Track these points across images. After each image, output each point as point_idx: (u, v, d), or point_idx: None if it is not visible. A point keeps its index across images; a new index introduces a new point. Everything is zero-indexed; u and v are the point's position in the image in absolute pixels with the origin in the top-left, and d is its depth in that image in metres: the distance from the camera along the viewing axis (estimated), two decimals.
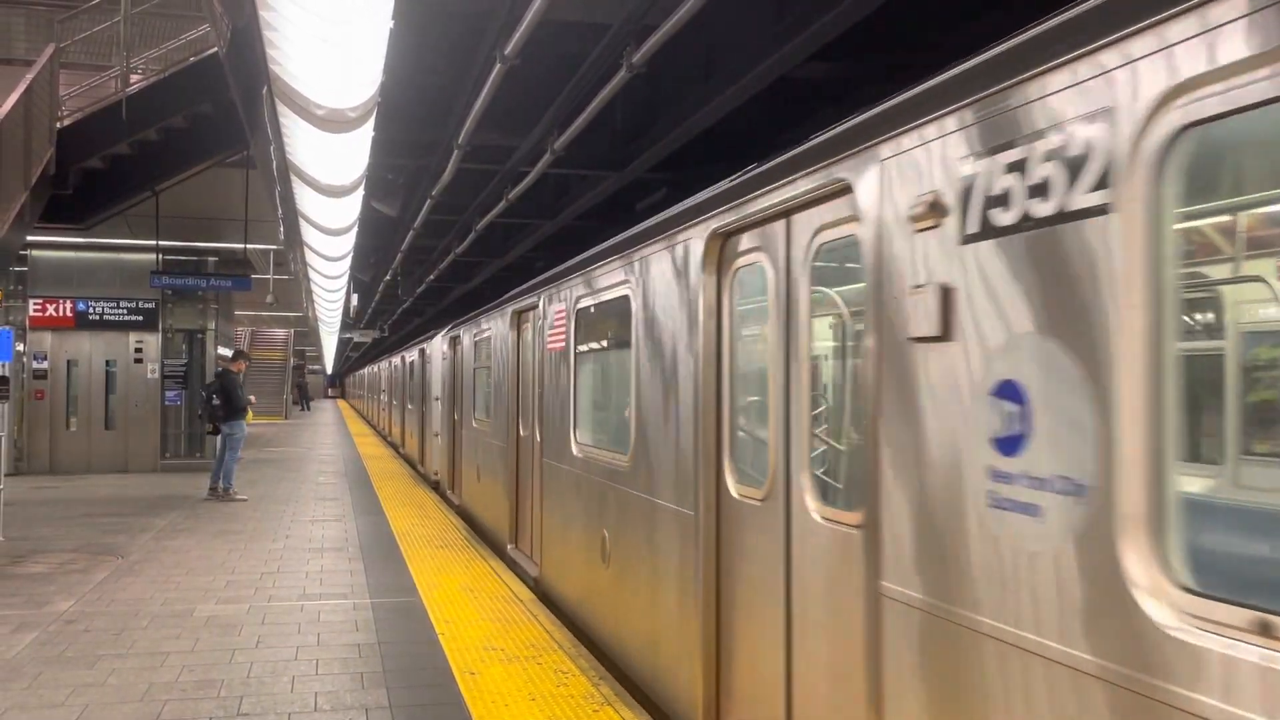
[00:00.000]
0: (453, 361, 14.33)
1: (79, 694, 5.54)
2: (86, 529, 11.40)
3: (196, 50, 13.95)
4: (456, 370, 13.92)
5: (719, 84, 6.59)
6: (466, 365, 12.99)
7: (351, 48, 5.96)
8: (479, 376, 12.17)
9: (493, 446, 10.69)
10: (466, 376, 13.00)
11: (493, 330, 10.82)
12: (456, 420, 13.92)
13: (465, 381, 13.16)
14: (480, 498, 11.87)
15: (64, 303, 18.18)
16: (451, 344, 14.34)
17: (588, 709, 5.28)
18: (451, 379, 14.46)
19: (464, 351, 13.19)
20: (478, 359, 12.20)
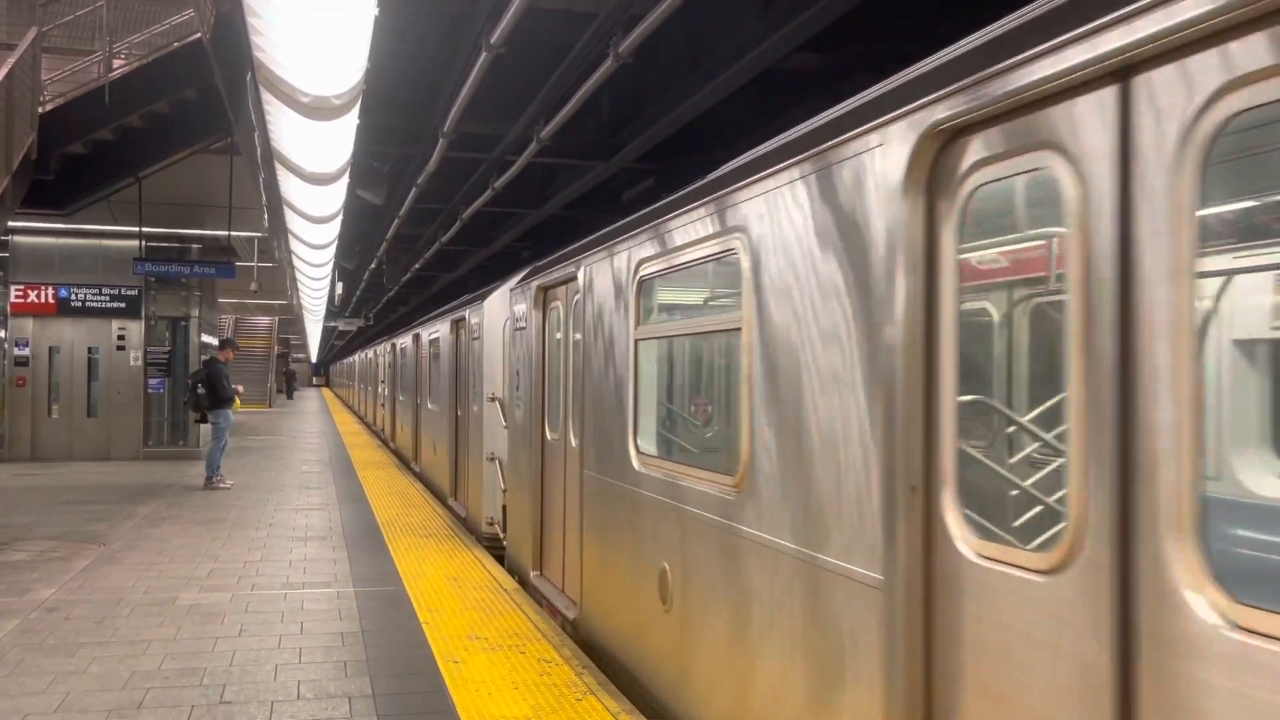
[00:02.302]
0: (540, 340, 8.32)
1: (60, 681, 5.52)
2: (68, 517, 11.34)
3: (180, 35, 13.84)
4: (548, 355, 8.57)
5: (706, 74, 6.59)
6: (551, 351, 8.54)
7: (336, 34, 5.93)
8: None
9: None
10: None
11: (522, 311, 8.46)
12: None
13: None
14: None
15: (46, 289, 18.06)
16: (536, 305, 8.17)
17: (570, 697, 5.29)
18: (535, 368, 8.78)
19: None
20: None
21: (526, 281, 8.16)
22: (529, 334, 7.99)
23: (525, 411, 8.11)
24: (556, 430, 7.32)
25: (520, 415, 8.40)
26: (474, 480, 10.78)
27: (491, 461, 9.92)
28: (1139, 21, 2.13)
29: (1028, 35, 2.46)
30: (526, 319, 8.07)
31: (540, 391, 7.74)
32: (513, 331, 8.78)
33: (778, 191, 3.74)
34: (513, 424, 8.79)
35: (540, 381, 7.76)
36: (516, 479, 8.58)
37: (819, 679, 3.31)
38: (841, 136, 3.27)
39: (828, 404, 3.37)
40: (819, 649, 3.32)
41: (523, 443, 8.21)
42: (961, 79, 2.70)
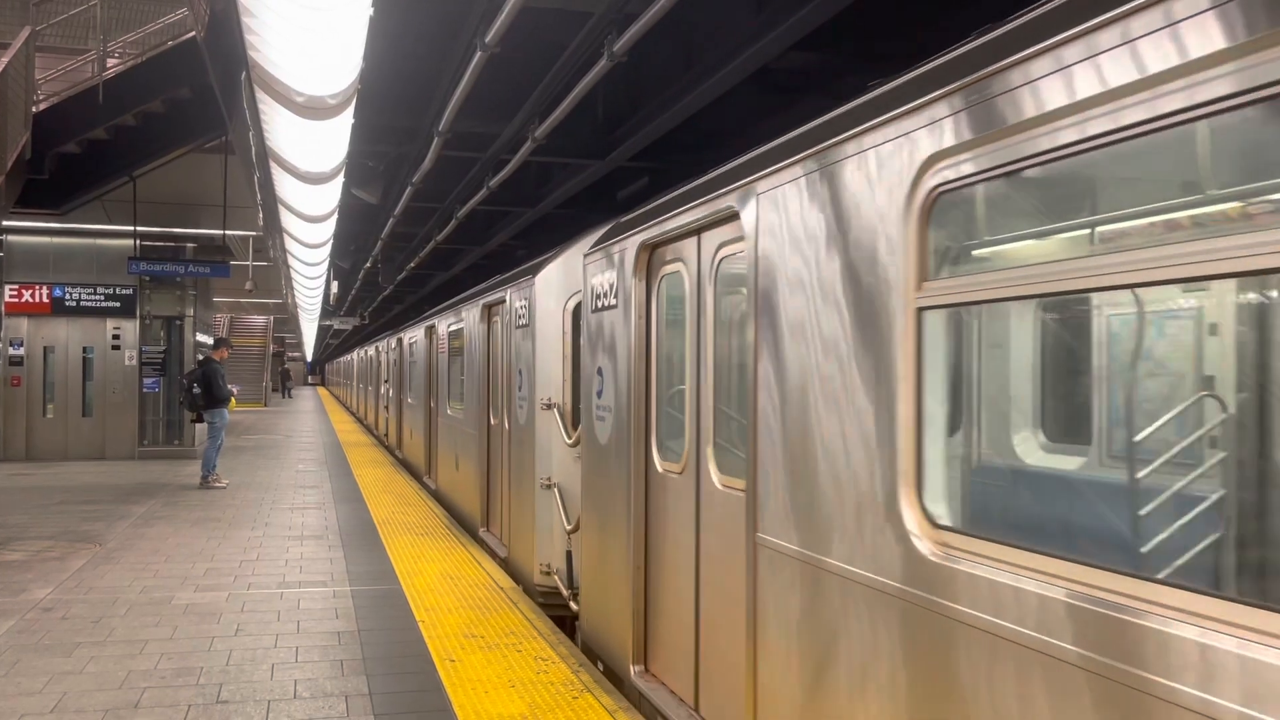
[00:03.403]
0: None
1: (56, 681, 5.52)
2: (64, 517, 11.33)
3: (174, 35, 13.81)
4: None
5: (700, 73, 6.59)
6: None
7: (331, 34, 5.93)
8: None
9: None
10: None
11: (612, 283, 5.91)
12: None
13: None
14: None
15: (40, 288, 18.03)
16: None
17: (567, 695, 5.31)
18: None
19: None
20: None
21: (613, 240, 5.71)
22: (622, 315, 5.50)
23: (617, 427, 5.58)
24: (677, 460, 4.92)
25: (607, 431, 5.81)
26: (518, 511, 8.34)
27: (548, 489, 7.55)
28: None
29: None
30: (617, 293, 5.61)
31: (643, 399, 5.27)
32: (590, 312, 6.12)
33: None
34: (589, 442, 6.16)
35: (643, 384, 5.29)
36: (597, 521, 6.05)
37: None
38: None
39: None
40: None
41: (611, 471, 5.72)
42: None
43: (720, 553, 4.41)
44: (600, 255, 6.07)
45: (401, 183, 11.32)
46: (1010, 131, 2.51)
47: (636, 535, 5.38)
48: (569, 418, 7.52)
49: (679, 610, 4.96)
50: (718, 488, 4.44)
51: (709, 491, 4.55)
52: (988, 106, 2.59)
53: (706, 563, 4.59)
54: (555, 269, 7.72)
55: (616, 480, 5.65)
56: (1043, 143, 2.40)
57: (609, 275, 5.80)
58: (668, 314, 5.24)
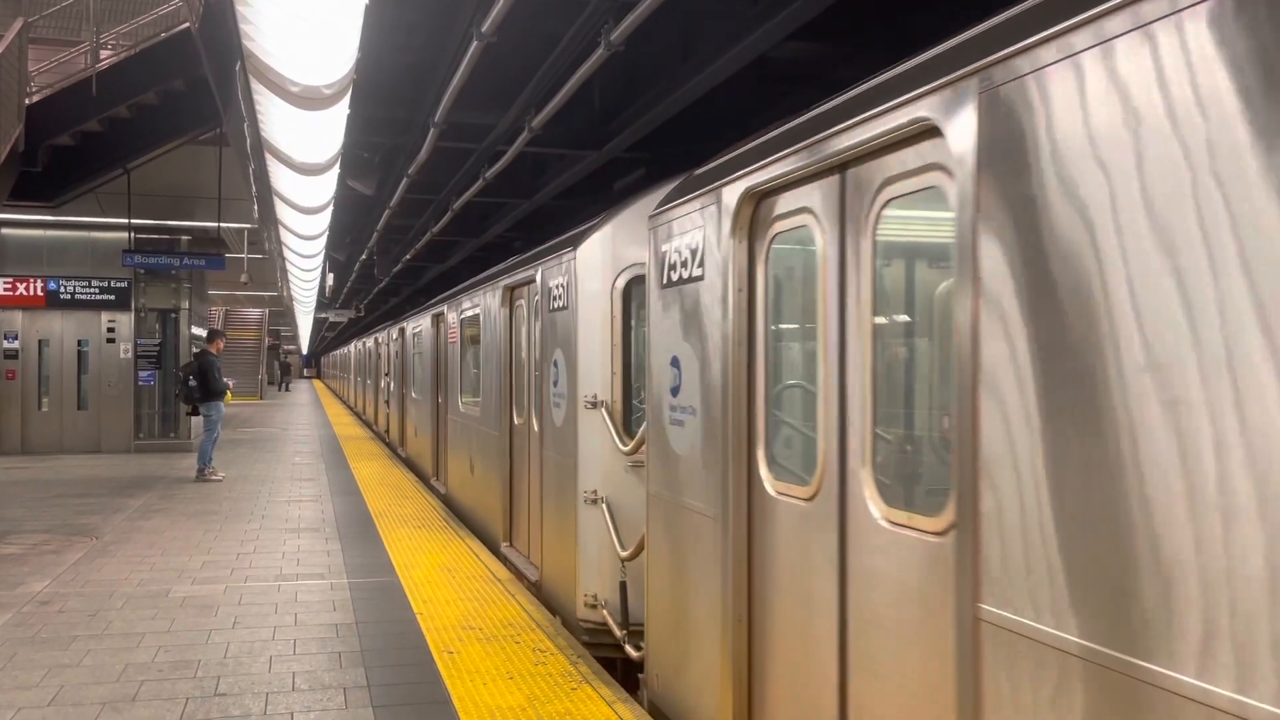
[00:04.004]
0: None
1: (54, 675, 5.51)
2: (60, 510, 11.31)
3: (168, 26, 13.74)
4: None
5: (697, 63, 6.58)
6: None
7: (326, 23, 5.90)
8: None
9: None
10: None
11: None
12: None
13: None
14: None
15: (34, 282, 17.98)
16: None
17: (565, 686, 5.30)
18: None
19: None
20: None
21: (697, 193, 4.48)
22: (712, 288, 4.32)
23: (705, 433, 4.40)
24: (802, 482, 3.72)
25: (687, 438, 4.60)
26: (554, 529, 7.14)
27: (594, 504, 6.39)
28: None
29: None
30: (703, 260, 4.43)
31: (744, 399, 4.12)
32: (660, 287, 4.91)
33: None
34: (659, 452, 4.95)
35: (744, 379, 4.12)
36: (672, 552, 4.80)
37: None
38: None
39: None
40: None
41: (693, 490, 4.54)
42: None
43: (890, 619, 3.10)
44: (676, 214, 4.75)
45: (397, 174, 11.29)
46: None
47: (737, 578, 4.07)
48: (620, 419, 6.38)
49: (809, 688, 3.66)
50: (882, 525, 3.15)
51: (864, 529, 3.25)
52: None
53: (862, 630, 3.28)
54: (601, 240, 6.47)
55: (702, 502, 4.37)
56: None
57: (690, 238, 4.53)
58: (781, 285, 4.03)
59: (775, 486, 3.89)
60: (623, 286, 6.45)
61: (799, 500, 3.68)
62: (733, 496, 4.10)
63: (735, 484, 4.09)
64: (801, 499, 3.67)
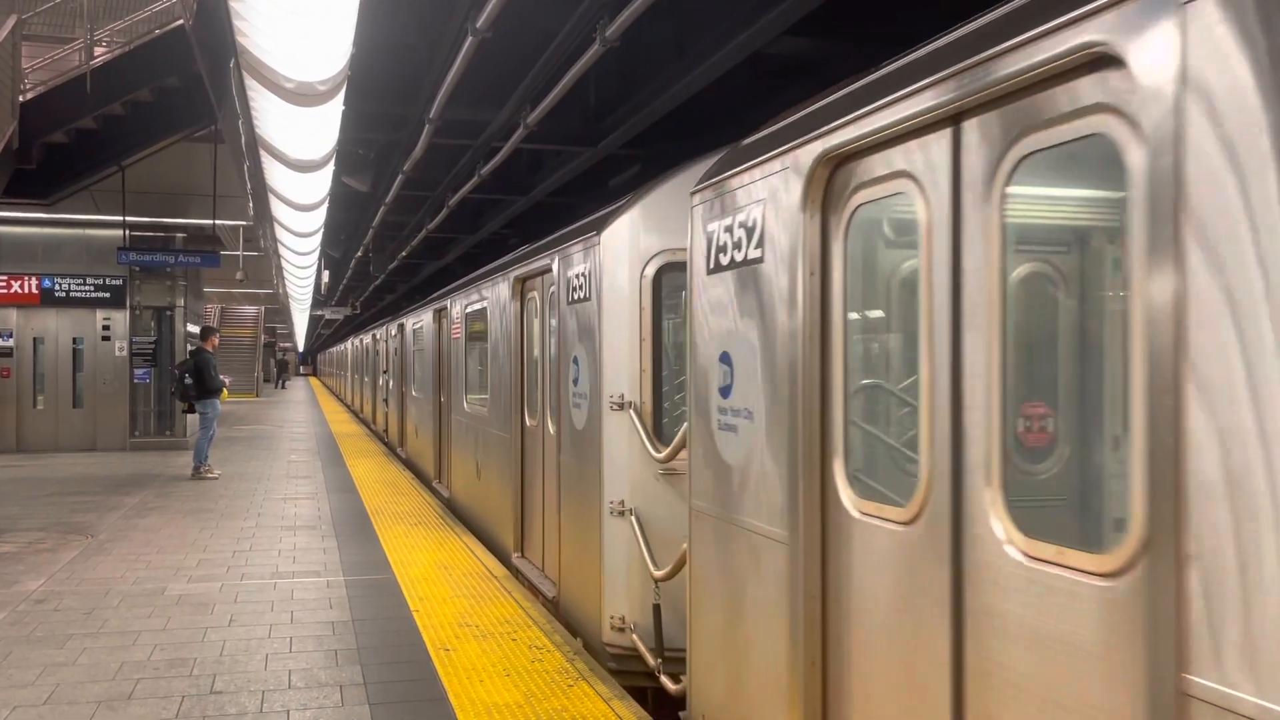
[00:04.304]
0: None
1: (49, 673, 5.50)
2: (55, 508, 11.28)
3: (162, 22, 13.70)
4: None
5: (692, 59, 6.56)
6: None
7: (320, 19, 5.88)
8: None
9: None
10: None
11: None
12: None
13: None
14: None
15: (29, 279, 17.95)
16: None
17: (562, 683, 5.30)
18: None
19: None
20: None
21: (753, 162, 3.83)
22: (776, 272, 3.66)
23: (765, 440, 3.74)
24: (897, 501, 3.11)
25: (739, 446, 3.96)
26: (574, 541, 6.62)
27: (621, 516, 5.82)
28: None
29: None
30: (762, 239, 3.76)
31: (816, 400, 3.46)
32: (705, 273, 4.28)
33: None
34: (706, 462, 4.29)
35: (816, 376, 3.47)
36: (724, 577, 4.12)
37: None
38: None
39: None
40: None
41: (750, 507, 3.88)
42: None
43: (1032, 681, 2.49)
44: (728, 187, 4.07)
45: (392, 171, 11.27)
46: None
47: (809, 614, 3.43)
48: (650, 422, 5.84)
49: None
50: (1018, 561, 2.53)
51: (991, 565, 2.61)
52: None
53: (987, 691, 2.66)
54: (629, 223, 5.92)
55: (762, 521, 3.74)
56: None
57: (746, 215, 3.89)
58: (863, 267, 3.42)
59: (858, 506, 3.25)
60: (652, 275, 5.89)
61: (893, 524, 3.05)
62: (803, 516, 3.46)
63: (806, 502, 3.46)
64: (896, 523, 3.03)
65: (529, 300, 8.21)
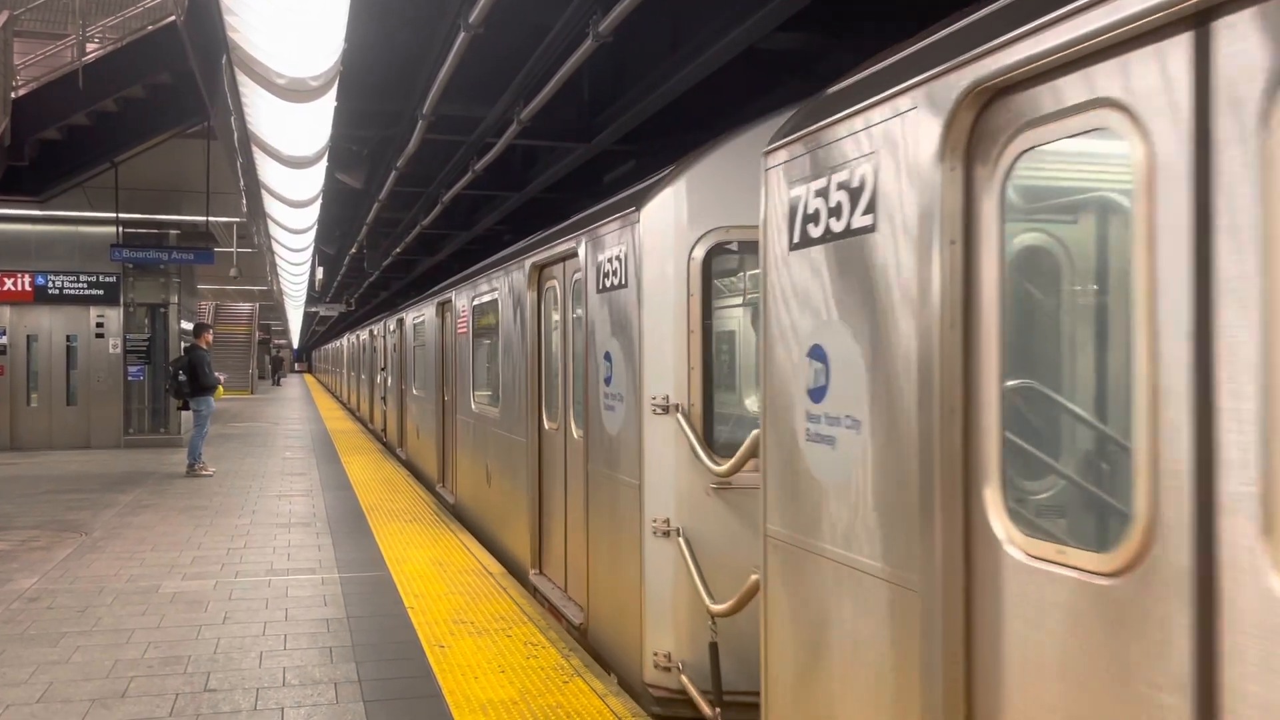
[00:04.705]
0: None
1: (43, 671, 5.48)
2: (49, 506, 11.26)
3: (154, 19, 13.66)
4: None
5: (686, 54, 6.55)
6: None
7: (312, 15, 5.86)
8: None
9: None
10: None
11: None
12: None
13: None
14: None
15: (22, 277, 17.90)
16: None
17: (558, 680, 5.30)
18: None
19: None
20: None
21: (865, 104, 3.08)
22: (898, 242, 2.89)
23: (875, 458, 3.01)
24: (1109, 546, 2.27)
25: (839, 462, 3.20)
26: (606, 562, 5.85)
27: (666, 537, 5.09)
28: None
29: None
30: (873, 203, 3.02)
31: (957, 406, 2.69)
32: (786, 250, 3.53)
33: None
34: (786, 476, 3.50)
35: (958, 374, 2.70)
36: (813, 628, 3.36)
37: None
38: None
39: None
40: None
41: (860, 540, 3.08)
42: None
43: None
44: (822, 140, 3.28)
45: (386, 167, 11.24)
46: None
47: (949, 681, 2.66)
48: (700, 427, 5.08)
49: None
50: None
51: (1272, 641, 1.84)
52: None
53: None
54: (674, 197, 5.17)
55: (877, 560, 2.96)
56: None
57: (849, 174, 3.10)
58: (1023, 231, 2.73)
59: (1026, 547, 2.45)
60: (702, 257, 5.11)
61: (1088, 575, 2.25)
62: (941, 558, 2.68)
63: (946, 539, 2.68)
64: (1095, 574, 2.24)
65: (547, 290, 7.53)
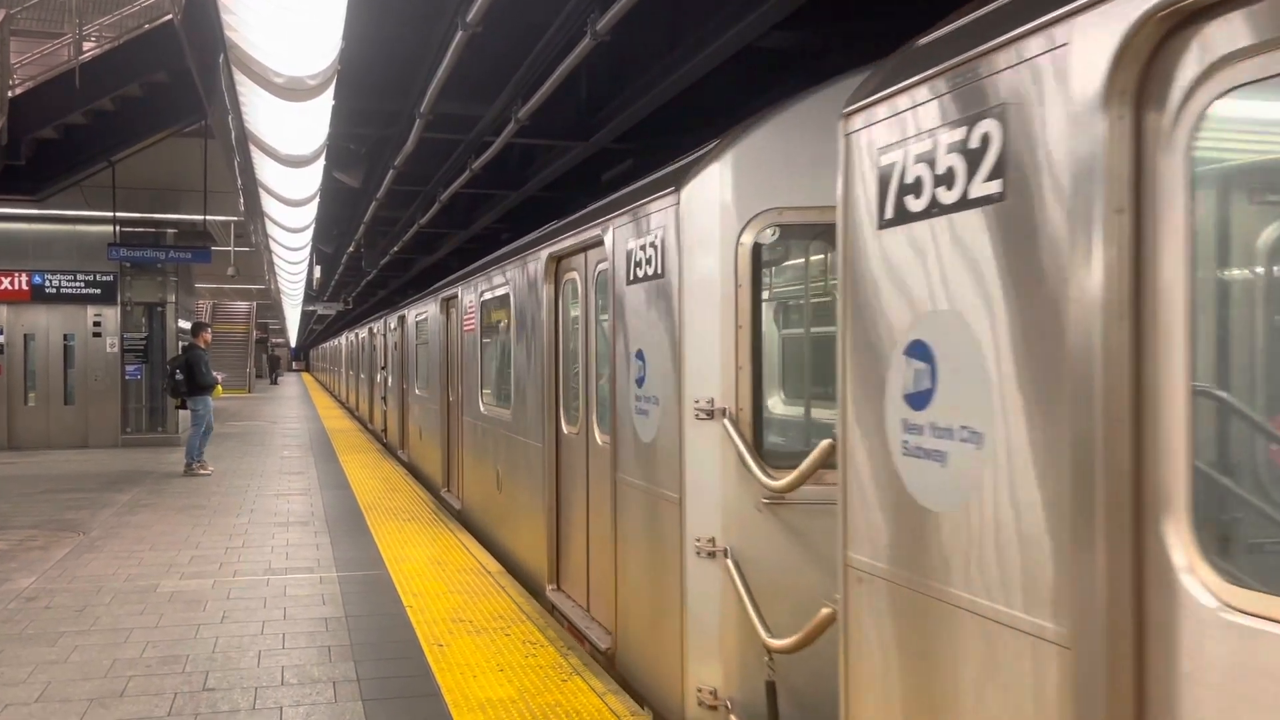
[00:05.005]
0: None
1: (41, 671, 5.48)
2: (47, 505, 11.25)
3: (151, 17, 13.65)
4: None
5: (684, 53, 6.55)
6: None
7: (310, 13, 5.86)
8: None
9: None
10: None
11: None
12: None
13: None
14: None
15: (19, 276, 17.89)
16: None
17: (556, 678, 5.30)
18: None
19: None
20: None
21: (990, 42, 2.43)
22: (1043, 214, 2.28)
23: (1002, 474, 2.40)
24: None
25: (961, 482, 2.54)
26: (637, 583, 5.25)
27: (712, 559, 4.48)
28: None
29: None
30: (999, 166, 2.42)
31: (1126, 412, 2.11)
32: (873, 229, 2.97)
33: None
34: (876, 491, 2.94)
35: (1125, 373, 2.12)
36: (921, 682, 2.72)
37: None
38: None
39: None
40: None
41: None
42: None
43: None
44: (923, 95, 2.70)
45: (384, 166, 11.23)
46: None
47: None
48: (750, 435, 4.48)
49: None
50: None
51: None
52: None
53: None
54: (720, 174, 4.59)
55: (1004, 603, 2.39)
56: None
57: (963, 131, 2.52)
58: (1224, 194, 2.12)
59: (1226, 596, 1.90)
60: (752, 242, 4.53)
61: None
62: (1105, 606, 2.11)
63: (1111, 581, 2.11)
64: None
65: (566, 282, 6.99)
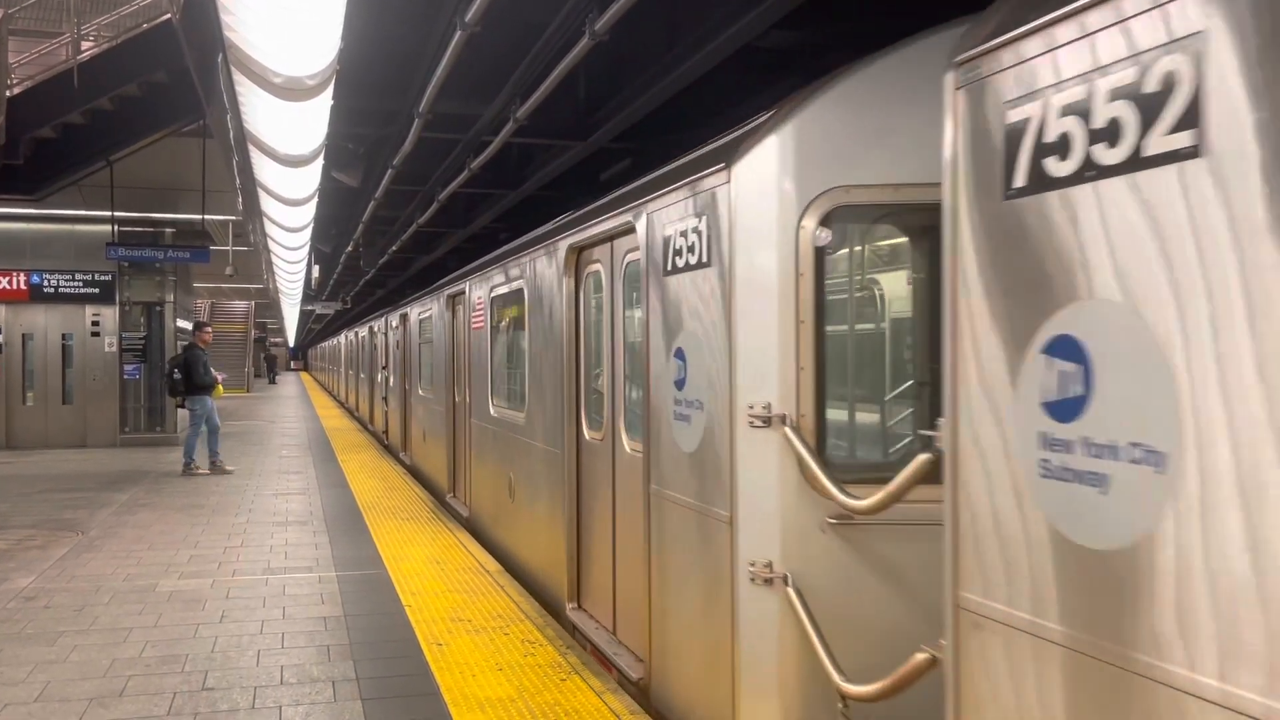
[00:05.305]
0: None
1: (40, 670, 5.48)
2: (45, 505, 11.25)
3: (150, 17, 13.64)
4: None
5: (683, 52, 6.55)
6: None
7: (309, 12, 5.86)
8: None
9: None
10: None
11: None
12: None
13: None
14: None
15: (17, 275, 17.88)
16: None
17: (555, 678, 5.31)
18: None
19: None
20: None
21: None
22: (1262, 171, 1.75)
23: (1193, 508, 1.90)
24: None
25: (1120, 509, 2.07)
26: (672, 607, 4.68)
27: (770, 586, 3.89)
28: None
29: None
30: (1192, 113, 1.91)
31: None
32: (998, 202, 2.47)
33: None
34: (988, 520, 2.51)
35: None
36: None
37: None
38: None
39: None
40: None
41: (1179, 637, 1.94)
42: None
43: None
44: (1064, 30, 2.24)
45: (382, 165, 11.23)
46: None
47: None
48: (815, 443, 3.89)
49: None
50: None
51: None
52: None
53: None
54: (779, 150, 3.96)
55: (1216, 679, 1.87)
56: None
57: (1133, 73, 2.06)
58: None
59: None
60: (814, 226, 3.91)
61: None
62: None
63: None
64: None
65: (588, 275, 6.48)
